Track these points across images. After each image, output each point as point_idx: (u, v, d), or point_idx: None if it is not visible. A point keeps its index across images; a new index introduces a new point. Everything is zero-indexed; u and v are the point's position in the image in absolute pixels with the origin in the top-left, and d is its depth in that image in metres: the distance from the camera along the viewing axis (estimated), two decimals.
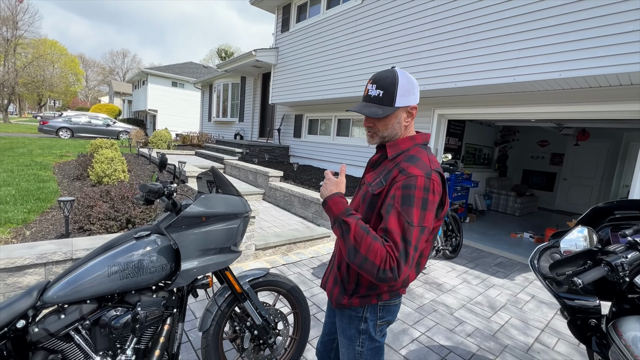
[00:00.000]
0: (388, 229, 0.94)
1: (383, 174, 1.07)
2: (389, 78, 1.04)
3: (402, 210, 0.94)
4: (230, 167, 7.40)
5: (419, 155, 1.03)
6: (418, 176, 0.96)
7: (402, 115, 1.07)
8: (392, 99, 1.03)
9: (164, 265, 1.43)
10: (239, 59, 9.00)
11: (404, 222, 0.93)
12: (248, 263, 3.56)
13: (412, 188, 0.95)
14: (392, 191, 0.98)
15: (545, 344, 2.49)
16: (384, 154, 1.13)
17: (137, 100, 24.75)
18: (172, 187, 1.42)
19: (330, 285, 1.23)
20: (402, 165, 1.01)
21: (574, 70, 3.36)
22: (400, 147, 1.09)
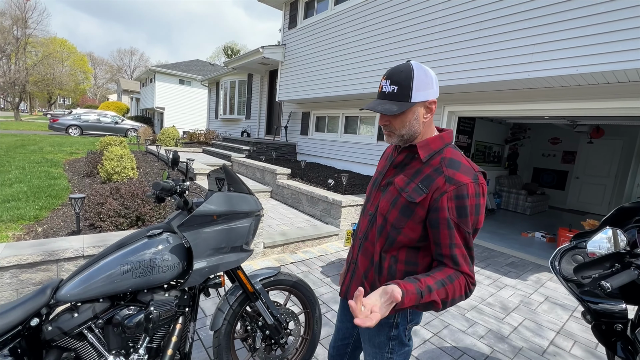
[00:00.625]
0: (456, 244, 0.94)
1: (419, 179, 0.99)
2: (403, 72, 0.97)
3: (459, 222, 0.93)
4: (237, 164, 7.40)
5: (456, 157, 0.99)
6: (468, 184, 0.93)
7: (420, 111, 0.99)
8: (408, 94, 0.95)
9: (176, 264, 1.42)
10: (246, 56, 8.98)
11: (465, 233, 0.94)
12: (257, 261, 3.55)
13: (465, 198, 0.92)
14: (443, 203, 0.93)
15: (560, 347, 2.43)
16: (410, 155, 1.06)
17: (145, 98, 24.96)
18: (185, 185, 1.40)
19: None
20: (446, 172, 0.95)
21: (591, 65, 3.26)
22: (431, 147, 1.02)
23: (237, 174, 6.89)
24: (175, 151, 1.42)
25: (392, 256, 1.04)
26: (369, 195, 1.19)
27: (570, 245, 1.57)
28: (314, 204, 4.96)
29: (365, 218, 1.16)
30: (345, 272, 1.26)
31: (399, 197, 1.02)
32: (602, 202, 8.14)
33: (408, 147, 1.06)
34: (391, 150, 1.22)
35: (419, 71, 0.97)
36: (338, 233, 4.40)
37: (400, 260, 1.04)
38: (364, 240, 1.14)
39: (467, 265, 0.93)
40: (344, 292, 1.22)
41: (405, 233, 1.01)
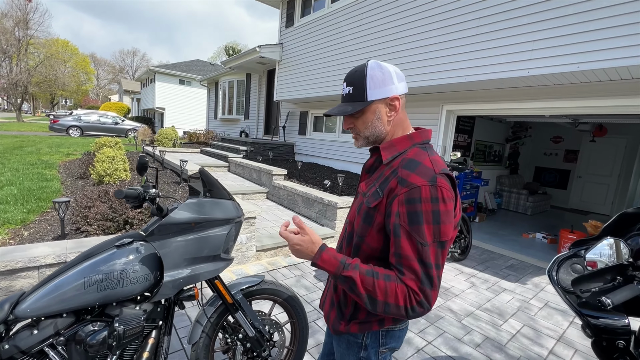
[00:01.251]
0: (402, 255, 0.82)
1: (379, 182, 0.92)
2: (357, 72, 0.93)
3: (411, 230, 0.81)
4: (234, 165, 7.33)
5: (418, 158, 0.87)
6: (422, 186, 0.81)
7: (381, 109, 0.93)
8: (363, 93, 0.91)
9: (147, 276, 1.33)
10: (243, 56, 8.90)
11: (417, 243, 0.80)
12: (248, 265, 3.47)
13: (417, 202, 0.81)
14: (394, 207, 0.84)
15: (560, 356, 2.33)
16: (379, 157, 0.98)
17: (146, 99, 24.96)
18: (152, 193, 1.31)
19: (327, 307, 1.08)
20: (400, 173, 0.85)
21: (593, 62, 3.14)
22: (396, 148, 0.93)
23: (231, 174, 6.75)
24: (142, 155, 1.34)
25: None
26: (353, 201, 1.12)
27: (569, 253, 1.47)
28: (309, 205, 4.87)
29: (345, 226, 1.09)
30: (325, 288, 1.19)
31: (362, 203, 0.95)
32: (605, 202, 7.99)
33: (376, 149, 1.00)
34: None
35: (373, 69, 0.91)
36: (334, 235, 4.31)
37: None
38: (339, 249, 1.09)
39: (416, 280, 0.79)
40: (322, 302, 1.16)
41: (367, 242, 0.93)
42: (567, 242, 4.50)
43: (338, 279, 0.87)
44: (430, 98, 5.34)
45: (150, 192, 1.30)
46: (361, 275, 0.83)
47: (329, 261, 0.88)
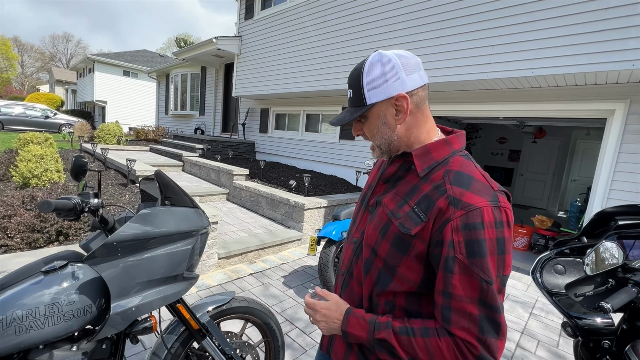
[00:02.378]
0: (453, 295, 0.64)
1: (415, 199, 0.72)
2: (355, 71, 0.77)
3: (471, 264, 0.63)
4: (189, 164, 6.79)
5: (467, 170, 0.70)
6: (483, 208, 0.64)
7: (387, 112, 0.75)
8: (361, 96, 0.75)
9: (87, 308, 1.05)
10: (198, 47, 8.31)
11: (480, 282, 0.63)
12: (210, 274, 3.16)
13: (479, 227, 0.63)
14: (447, 235, 0.65)
15: (526, 349, 2.42)
16: (405, 165, 0.79)
17: (83, 90, 22.44)
18: (95, 203, 1.04)
19: (340, 352, 0.84)
20: (450, 191, 0.67)
21: (544, 68, 3.37)
22: (432, 155, 0.74)
23: (186, 174, 6.21)
24: (78, 155, 1.05)
25: (388, 301, 0.76)
26: (356, 216, 0.91)
27: (551, 254, 1.47)
28: (274, 207, 4.65)
29: (349, 246, 0.88)
30: None
31: (390, 224, 0.74)
32: (542, 197, 8.85)
33: (402, 154, 0.78)
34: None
35: (370, 65, 0.74)
36: (301, 238, 4.14)
37: (398, 307, 0.75)
38: (349, 276, 0.85)
39: (471, 328, 0.63)
40: (328, 344, 0.90)
41: (402, 274, 0.73)
42: (518, 236, 4.83)
43: (373, 345, 0.70)
44: None
45: (91, 202, 1.02)
46: (397, 336, 0.67)
47: (359, 326, 0.72)
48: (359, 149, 6.00)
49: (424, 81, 0.76)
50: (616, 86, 3.46)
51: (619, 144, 3.44)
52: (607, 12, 2.96)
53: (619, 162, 3.43)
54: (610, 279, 1.13)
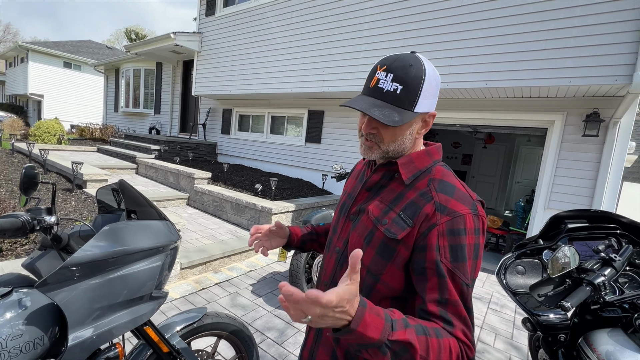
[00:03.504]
0: (451, 301, 0.65)
1: (400, 206, 0.74)
2: (413, 68, 0.69)
3: (454, 268, 0.66)
4: (144, 167, 6.32)
5: (449, 179, 0.74)
6: (465, 215, 0.68)
7: (418, 124, 0.76)
8: (414, 100, 0.70)
9: (38, 340, 0.92)
10: (154, 41, 7.80)
11: (462, 285, 0.66)
12: (172, 285, 2.95)
13: (462, 234, 0.67)
14: (432, 240, 0.67)
15: (486, 342, 2.59)
16: (388, 174, 0.80)
17: (14, 82, 19.93)
18: (49, 221, 0.90)
19: None
20: (437, 198, 0.70)
21: (497, 80, 3.66)
22: (416, 165, 0.77)
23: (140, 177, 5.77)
24: (29, 166, 0.90)
25: None
26: (336, 225, 0.90)
27: (513, 257, 1.59)
28: (240, 212, 4.49)
29: (331, 256, 0.87)
30: (308, 330, 0.93)
31: (375, 231, 0.75)
32: (491, 198, 9.63)
33: (386, 163, 0.80)
34: (362, 166, 0.96)
35: (431, 72, 0.71)
36: None
37: None
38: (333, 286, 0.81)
39: (466, 330, 0.65)
40: (308, 356, 0.87)
41: (385, 281, 0.73)
42: None
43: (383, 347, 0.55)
44: None
45: (47, 220, 0.88)
46: (417, 339, 0.57)
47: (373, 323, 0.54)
48: (324, 152, 6.04)
49: None
50: (556, 100, 3.87)
51: (558, 151, 3.85)
52: (549, 34, 3.30)
53: (558, 167, 3.84)
54: (567, 279, 1.25)
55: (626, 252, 1.24)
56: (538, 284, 1.28)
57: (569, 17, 3.20)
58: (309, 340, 0.89)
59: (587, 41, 3.12)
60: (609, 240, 1.30)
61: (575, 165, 3.73)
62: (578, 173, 3.71)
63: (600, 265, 1.21)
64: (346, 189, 0.96)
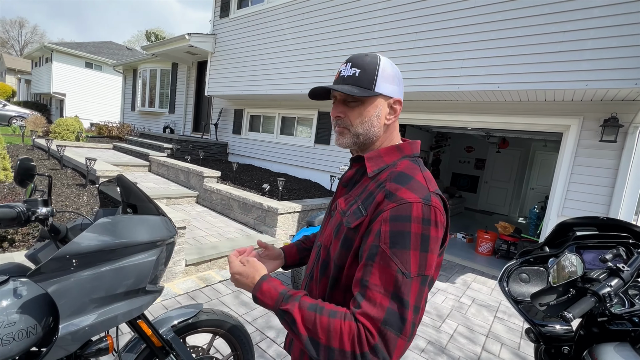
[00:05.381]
0: (369, 283, 0.65)
1: (362, 198, 0.77)
2: (368, 57, 0.80)
3: (392, 253, 0.64)
4: (157, 165, 6.46)
5: (410, 172, 0.74)
6: (413, 203, 0.67)
7: (384, 108, 0.80)
8: (372, 80, 0.77)
9: (31, 329, 0.94)
10: (170, 42, 7.98)
11: (396, 271, 0.64)
12: (176, 282, 3.00)
13: (406, 220, 0.66)
14: (375, 226, 0.68)
15: (491, 352, 2.51)
16: (361, 169, 0.84)
17: (39, 81, 20.76)
18: (43, 212, 0.92)
19: (297, 354, 0.87)
20: (388, 186, 0.71)
21: (510, 83, 3.56)
22: (383, 159, 0.80)
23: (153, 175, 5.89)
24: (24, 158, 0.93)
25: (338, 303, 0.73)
26: (323, 222, 0.94)
27: (516, 264, 1.53)
28: (247, 211, 4.52)
29: (313, 250, 0.93)
30: None
31: (341, 224, 0.78)
32: (504, 204, 9.39)
33: (356, 158, 0.85)
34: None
35: (385, 63, 0.81)
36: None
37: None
38: (309, 279, 0.89)
39: (377, 316, 0.62)
40: (288, 344, 0.94)
41: (347, 273, 0.76)
42: (483, 241, 5.06)
43: (278, 315, 0.71)
44: None
45: (39, 211, 0.91)
46: (302, 310, 0.67)
47: (268, 292, 0.73)
48: (334, 153, 6.02)
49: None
50: (571, 104, 3.74)
51: (573, 156, 3.71)
52: (565, 35, 3.19)
53: (573, 173, 3.70)
54: (571, 289, 1.19)
55: (636, 262, 1.17)
56: (540, 292, 1.23)
57: (586, 18, 3.09)
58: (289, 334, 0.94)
59: (605, 43, 3.00)
60: (617, 249, 1.23)
61: (592, 172, 3.59)
62: (594, 180, 3.57)
63: (607, 276, 1.15)
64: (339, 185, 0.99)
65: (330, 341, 0.63)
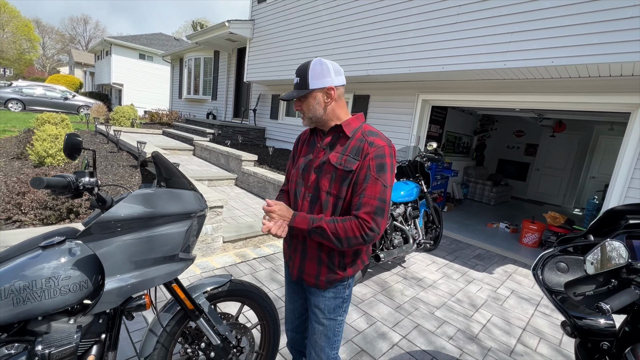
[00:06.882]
0: (366, 195, 1.10)
1: (348, 151, 1.17)
2: (303, 66, 1.19)
3: (378, 176, 1.11)
4: (200, 148, 6.86)
5: (373, 129, 1.20)
6: (385, 146, 1.14)
7: (320, 96, 1.18)
8: (306, 82, 1.16)
9: (84, 283, 1.08)
10: (211, 30, 8.26)
11: (381, 186, 1.11)
12: (214, 257, 3.22)
13: (384, 157, 1.12)
14: (366, 162, 1.12)
15: (527, 345, 2.38)
16: (336, 135, 1.23)
17: (101, 73, 22.81)
18: (87, 182, 1.05)
19: (313, 270, 1.26)
20: (368, 138, 1.15)
21: (566, 57, 3.18)
22: (352, 125, 1.21)
23: (197, 158, 6.26)
24: (71, 133, 1.05)
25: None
26: (300, 179, 1.29)
27: (554, 251, 1.42)
28: None
29: (303, 201, 1.26)
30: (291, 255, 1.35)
31: (337, 171, 1.17)
32: (558, 194, 8.58)
33: (334, 127, 1.23)
34: (306, 137, 1.37)
35: (314, 65, 1.17)
36: None
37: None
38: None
39: (368, 211, 1.09)
40: (298, 272, 1.32)
41: (345, 199, 1.18)
42: (528, 232, 4.72)
43: (311, 232, 1.15)
44: (407, 87, 5.27)
45: (83, 180, 1.03)
46: (327, 224, 1.12)
47: (302, 222, 1.16)
48: None
49: (344, 82, 1.22)
50: None
51: None
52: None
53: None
54: (612, 279, 1.08)
55: None
56: (576, 281, 1.13)
57: None
58: (296, 260, 1.32)
59: None
60: None
61: None
62: None
63: None
64: (299, 153, 1.35)
65: (347, 234, 1.10)
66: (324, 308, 1.29)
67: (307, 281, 1.29)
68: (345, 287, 1.29)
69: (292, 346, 1.58)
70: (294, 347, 1.58)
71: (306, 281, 1.30)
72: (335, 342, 1.32)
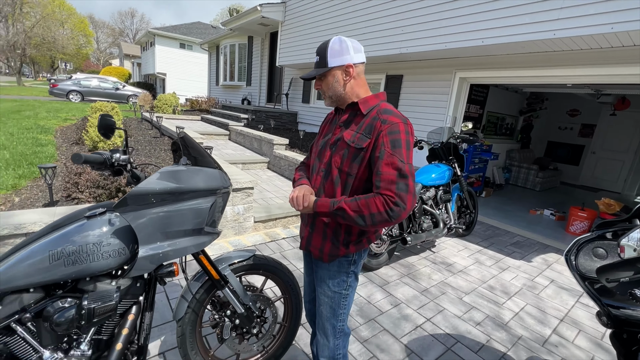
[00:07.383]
0: (383, 172, 1.08)
1: (362, 129, 1.17)
2: (322, 45, 1.19)
3: (394, 152, 1.08)
4: (235, 133, 7.12)
5: (390, 107, 1.17)
6: (399, 122, 1.11)
7: (339, 74, 1.19)
8: (325, 61, 1.17)
9: (121, 250, 1.21)
10: (244, 15, 8.36)
11: (398, 161, 1.07)
12: (246, 236, 3.39)
13: (397, 133, 1.10)
14: (380, 140, 1.10)
15: (563, 337, 2.25)
16: (353, 112, 1.24)
17: (146, 63, 24.21)
18: (121, 159, 1.15)
19: (318, 243, 1.30)
20: (382, 116, 1.13)
21: (630, 22, 2.79)
22: (369, 103, 1.20)
23: (232, 143, 6.50)
24: (104, 114, 1.16)
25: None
26: (317, 155, 1.33)
27: (592, 236, 1.31)
28: None
29: (317, 176, 1.30)
30: (302, 227, 1.42)
31: (350, 148, 1.18)
32: (617, 179, 7.72)
33: (351, 105, 1.24)
34: (332, 116, 1.39)
35: (333, 43, 1.17)
36: None
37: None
38: (321, 195, 1.28)
39: (392, 188, 1.05)
40: (305, 244, 1.38)
41: (359, 177, 1.19)
42: (576, 220, 4.34)
43: (332, 214, 1.15)
44: (442, 64, 4.98)
45: (115, 156, 1.14)
46: (347, 204, 1.12)
47: (324, 205, 1.18)
48: None
49: (364, 60, 1.22)
50: None
51: None
52: None
53: None
54: None
55: None
56: (611, 266, 1.04)
57: None
58: (305, 236, 1.39)
59: None
60: None
61: None
62: None
63: None
64: (322, 132, 1.38)
65: (371, 210, 1.07)
66: (328, 281, 1.33)
67: (313, 253, 1.34)
68: (350, 262, 1.30)
69: (310, 318, 1.62)
70: (312, 319, 1.62)
71: (312, 253, 1.35)
72: (340, 314, 1.35)
